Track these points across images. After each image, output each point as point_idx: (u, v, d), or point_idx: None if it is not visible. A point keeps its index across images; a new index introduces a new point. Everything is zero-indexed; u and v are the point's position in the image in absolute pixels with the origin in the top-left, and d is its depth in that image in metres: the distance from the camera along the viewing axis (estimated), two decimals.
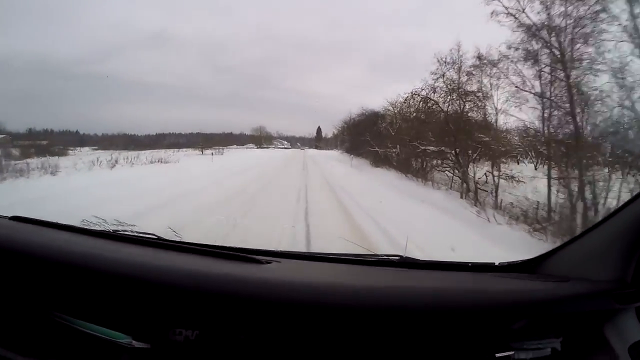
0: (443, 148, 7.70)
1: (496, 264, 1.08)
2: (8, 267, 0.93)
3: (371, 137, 12.73)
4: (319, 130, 32.34)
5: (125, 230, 1.25)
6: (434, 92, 8.29)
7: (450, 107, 7.95)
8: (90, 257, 0.92)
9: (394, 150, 10.66)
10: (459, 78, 7.72)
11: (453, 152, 7.43)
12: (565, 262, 0.97)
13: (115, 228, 1.27)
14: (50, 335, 0.88)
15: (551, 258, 1.00)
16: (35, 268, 0.91)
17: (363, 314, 0.79)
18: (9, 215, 1.23)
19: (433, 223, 5.07)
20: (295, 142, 31.26)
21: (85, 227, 1.25)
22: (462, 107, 7.71)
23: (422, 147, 8.38)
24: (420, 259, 1.13)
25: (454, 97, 7.80)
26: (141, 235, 1.20)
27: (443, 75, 7.96)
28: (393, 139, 10.79)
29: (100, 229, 1.27)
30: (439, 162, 8.30)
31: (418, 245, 3.14)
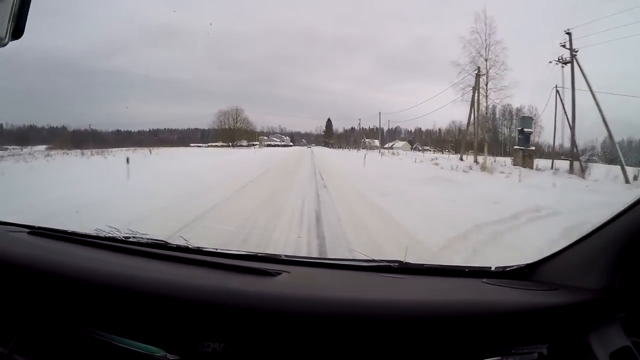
0: None
1: (492, 268, 1.13)
2: (34, 286, 1.02)
3: None
4: (329, 123, 24.78)
5: (137, 238, 1.33)
6: None
7: None
8: (121, 277, 0.99)
9: None
10: None
11: None
12: (558, 269, 1.02)
13: (126, 235, 1.35)
14: (86, 350, 0.94)
15: (544, 265, 1.06)
16: (65, 288, 0.99)
17: (361, 323, 0.85)
18: (27, 225, 1.34)
19: None
20: (300, 138, 25.17)
21: (100, 235, 1.35)
22: None
23: None
24: (417, 263, 1.19)
25: None
26: (153, 241, 1.29)
27: None
28: None
29: (114, 236, 1.35)
30: None
31: None
